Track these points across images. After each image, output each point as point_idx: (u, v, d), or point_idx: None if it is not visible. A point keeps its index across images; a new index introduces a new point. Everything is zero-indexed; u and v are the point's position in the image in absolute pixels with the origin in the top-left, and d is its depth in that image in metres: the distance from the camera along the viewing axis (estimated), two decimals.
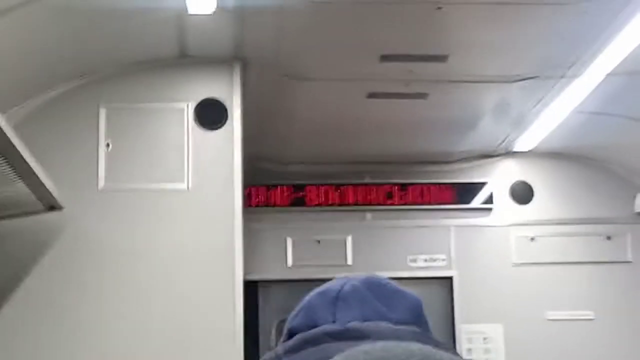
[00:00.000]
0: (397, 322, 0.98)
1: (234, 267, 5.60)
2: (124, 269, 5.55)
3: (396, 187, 7.87)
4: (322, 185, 7.80)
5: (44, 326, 5.43)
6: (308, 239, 7.74)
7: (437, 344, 0.91)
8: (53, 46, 5.22)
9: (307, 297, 1.04)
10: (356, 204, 7.83)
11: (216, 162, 5.74)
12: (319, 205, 7.78)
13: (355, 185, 7.85)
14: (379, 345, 0.78)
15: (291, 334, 1.00)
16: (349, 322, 0.96)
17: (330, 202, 7.80)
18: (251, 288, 7.20)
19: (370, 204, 7.85)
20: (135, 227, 5.62)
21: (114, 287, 5.53)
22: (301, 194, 7.78)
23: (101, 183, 5.62)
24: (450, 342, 7.57)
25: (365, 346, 0.78)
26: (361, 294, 1.02)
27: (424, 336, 0.95)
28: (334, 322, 0.97)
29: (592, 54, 5.60)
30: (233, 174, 5.72)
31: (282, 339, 1.01)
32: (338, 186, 7.82)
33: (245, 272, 5.99)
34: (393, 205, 7.85)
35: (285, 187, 7.78)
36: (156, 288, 5.54)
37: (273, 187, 7.76)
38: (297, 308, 1.05)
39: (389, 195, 7.85)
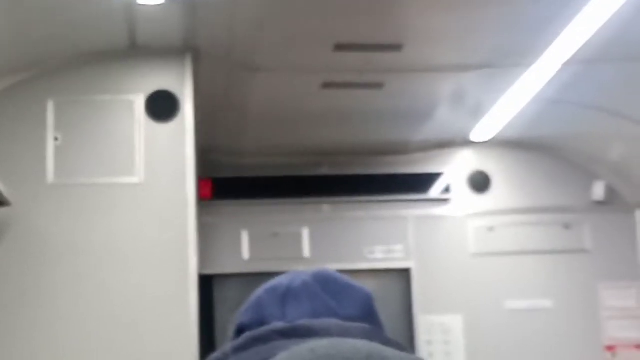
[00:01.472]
0: (347, 318, 0.97)
1: (187, 261, 5.54)
2: (74, 264, 5.45)
3: (353, 178, 7.81)
4: (277, 177, 7.72)
5: None
6: (264, 232, 7.66)
7: (386, 341, 0.90)
8: None
9: (257, 293, 1.05)
10: (312, 196, 7.76)
11: (168, 155, 5.66)
12: (274, 197, 7.70)
13: (311, 176, 7.78)
14: (325, 342, 0.77)
15: (240, 331, 1.01)
16: (298, 319, 0.96)
17: (286, 194, 7.72)
18: (207, 282, 7.13)
19: (326, 196, 7.79)
20: (86, 222, 5.52)
21: (65, 284, 5.43)
22: (256, 186, 7.70)
23: (50, 178, 5.52)
24: (409, 333, 7.56)
25: (311, 343, 0.77)
26: (311, 289, 1.02)
27: (373, 333, 0.94)
28: (283, 318, 0.98)
29: (548, 42, 5.59)
30: (185, 167, 5.65)
31: (231, 336, 1.01)
32: (294, 178, 7.75)
33: (201, 267, 5.92)
34: (350, 196, 7.80)
35: (240, 179, 7.69)
36: (108, 283, 5.46)
37: (228, 180, 7.66)
38: (246, 304, 1.05)
39: (346, 187, 7.79)
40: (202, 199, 6.36)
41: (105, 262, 5.48)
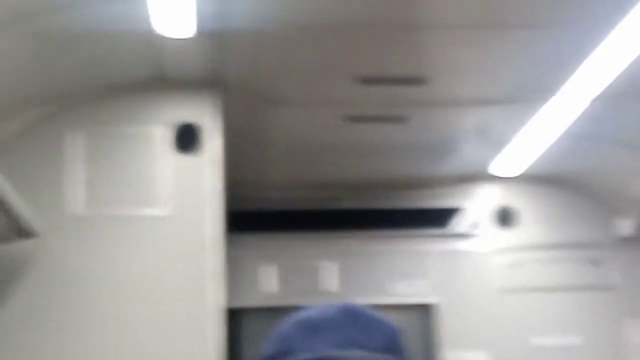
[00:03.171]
0: (373, 350, 0.99)
1: (213, 296, 5.52)
2: (100, 297, 5.46)
3: (375, 212, 7.80)
4: (302, 210, 7.72)
5: (18, 356, 5.33)
6: (289, 266, 7.66)
7: None
8: (22, 71, 5.16)
9: (282, 325, 1.07)
10: (336, 230, 7.75)
11: (195, 187, 5.66)
12: (299, 230, 7.69)
13: (334, 210, 7.78)
14: None
15: None
16: (325, 350, 0.97)
17: (310, 227, 7.71)
18: (234, 316, 7.11)
19: (349, 230, 7.77)
20: (111, 255, 5.53)
21: (90, 316, 5.43)
22: (282, 219, 7.70)
23: (76, 209, 5.54)
24: None
25: None
26: (337, 321, 1.03)
27: None
28: (310, 350, 0.98)
29: (573, 77, 5.58)
30: (212, 200, 5.65)
31: None
32: (318, 211, 7.74)
33: (228, 300, 5.92)
34: (374, 230, 7.78)
35: (265, 213, 7.69)
36: (131, 316, 5.45)
37: (254, 213, 7.67)
38: (271, 336, 1.06)
39: (368, 221, 7.77)
40: (229, 232, 6.36)
41: (128, 295, 5.48)
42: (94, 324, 5.42)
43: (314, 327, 1.03)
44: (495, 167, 7.50)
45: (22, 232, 5.05)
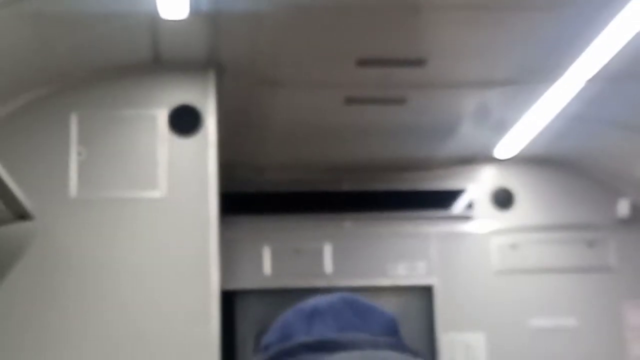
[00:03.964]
0: (371, 334, 0.99)
1: (209, 276, 5.52)
2: (96, 278, 5.45)
3: (374, 194, 7.78)
4: (299, 192, 7.70)
5: (15, 340, 5.33)
6: (286, 247, 7.64)
7: (415, 354, 0.93)
8: (22, 53, 5.13)
9: (282, 316, 1.07)
10: (334, 211, 7.73)
11: (191, 169, 5.66)
12: (296, 212, 7.67)
13: (333, 192, 7.76)
14: (357, 354, 0.79)
15: (267, 349, 1.02)
16: (324, 335, 0.98)
17: (308, 209, 7.69)
18: (229, 298, 7.10)
19: (348, 212, 7.76)
20: (108, 236, 5.53)
21: (87, 298, 5.43)
22: (278, 201, 7.68)
23: (73, 192, 5.53)
24: (431, 351, 7.51)
25: (344, 356, 0.79)
26: (336, 308, 1.05)
27: (401, 346, 0.96)
28: (309, 335, 0.99)
29: (573, 59, 5.57)
30: (208, 182, 5.64)
31: (258, 355, 1.03)
32: (315, 193, 7.72)
33: (223, 282, 5.90)
34: (372, 212, 7.76)
35: (262, 195, 7.67)
36: (130, 298, 5.45)
37: (250, 195, 7.65)
38: (273, 326, 1.07)
39: (368, 203, 7.76)
40: (225, 214, 6.34)
41: (127, 277, 5.48)
42: (91, 305, 5.42)
43: (313, 314, 1.04)
44: (495, 149, 7.49)
45: (19, 214, 5.04)
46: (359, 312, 1.06)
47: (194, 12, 4.95)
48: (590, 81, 5.84)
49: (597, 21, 5.04)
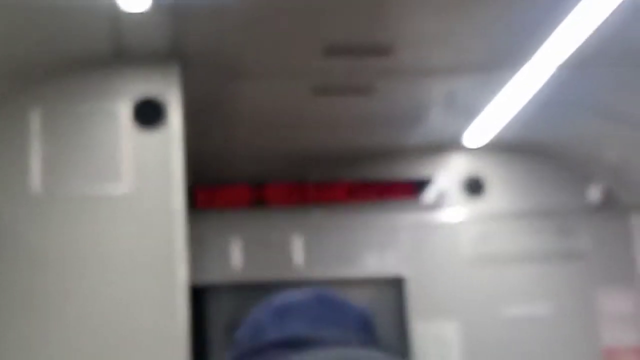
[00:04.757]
0: (344, 330, 0.99)
1: (176, 270, 5.48)
2: (61, 276, 5.40)
3: (345, 185, 7.74)
4: (269, 184, 7.65)
5: None
6: (255, 240, 7.59)
7: (386, 349, 0.93)
8: None
9: (254, 312, 1.06)
10: (304, 203, 7.69)
11: (156, 163, 5.61)
12: (266, 205, 7.62)
13: (302, 183, 7.71)
14: (326, 353, 0.79)
15: (237, 347, 1.01)
16: (295, 330, 0.97)
17: (277, 201, 7.64)
18: (198, 293, 7.05)
19: (318, 203, 7.71)
20: (72, 233, 5.47)
21: (51, 296, 5.37)
22: (248, 193, 7.62)
23: (35, 188, 5.46)
24: (404, 342, 7.50)
25: (311, 353, 0.80)
26: (308, 305, 1.04)
27: (371, 344, 0.96)
28: (279, 333, 0.99)
29: (541, 43, 5.56)
30: (174, 175, 5.59)
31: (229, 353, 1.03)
32: (285, 184, 7.68)
33: (192, 277, 5.85)
34: (342, 203, 7.72)
35: (231, 187, 7.61)
36: (97, 295, 5.40)
37: (219, 188, 7.59)
38: (244, 323, 1.06)
39: (338, 193, 7.72)
40: (194, 207, 6.28)
41: (92, 273, 5.42)
42: (57, 301, 5.36)
43: (285, 311, 1.04)
44: (465, 136, 7.47)
45: None
46: (331, 308, 1.05)
47: (156, 3, 4.90)
48: (560, 67, 5.84)
49: (566, 5, 5.03)
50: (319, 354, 0.80)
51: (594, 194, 7.79)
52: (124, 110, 5.59)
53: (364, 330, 1.03)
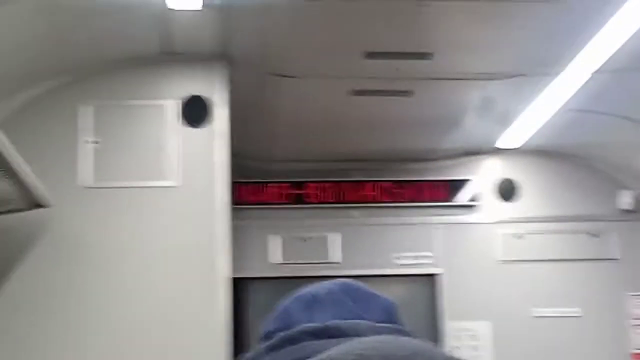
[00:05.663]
0: (372, 321, 0.98)
1: (220, 264, 5.59)
2: (109, 267, 5.53)
3: (382, 185, 7.86)
4: (308, 182, 7.80)
5: (28, 326, 5.41)
6: (295, 237, 7.73)
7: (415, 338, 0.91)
8: (36, 44, 5.19)
9: (282, 303, 1.05)
10: (341, 202, 7.82)
11: (202, 159, 5.72)
12: (305, 202, 7.77)
13: (340, 182, 7.85)
14: (370, 339, 0.78)
15: (267, 338, 1.00)
16: (324, 321, 0.96)
17: (316, 199, 7.79)
18: (239, 286, 7.18)
19: (355, 202, 7.84)
20: (121, 225, 5.60)
21: (100, 286, 5.51)
22: (288, 191, 7.77)
23: (86, 181, 5.60)
24: (434, 339, 7.56)
25: (347, 342, 0.79)
26: (336, 296, 1.04)
27: (403, 333, 0.96)
28: (309, 322, 0.98)
29: (577, 51, 5.60)
30: (219, 171, 5.71)
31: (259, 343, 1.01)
32: (324, 183, 7.81)
33: (234, 270, 5.97)
34: (379, 202, 7.85)
35: (272, 185, 7.77)
36: (142, 286, 5.53)
37: (260, 185, 7.75)
38: (272, 314, 1.05)
39: (375, 193, 7.84)
40: (236, 203, 6.41)
41: (139, 265, 5.56)
42: (104, 291, 5.50)
43: (313, 302, 1.03)
44: (500, 140, 7.54)
45: (34, 202, 5.10)
46: (359, 298, 1.04)
47: (207, 3, 5.00)
48: (594, 73, 5.87)
49: (601, 13, 5.07)
50: (354, 343, 0.78)
51: (625, 199, 7.84)
52: (172, 108, 5.72)
53: (391, 320, 1.03)
